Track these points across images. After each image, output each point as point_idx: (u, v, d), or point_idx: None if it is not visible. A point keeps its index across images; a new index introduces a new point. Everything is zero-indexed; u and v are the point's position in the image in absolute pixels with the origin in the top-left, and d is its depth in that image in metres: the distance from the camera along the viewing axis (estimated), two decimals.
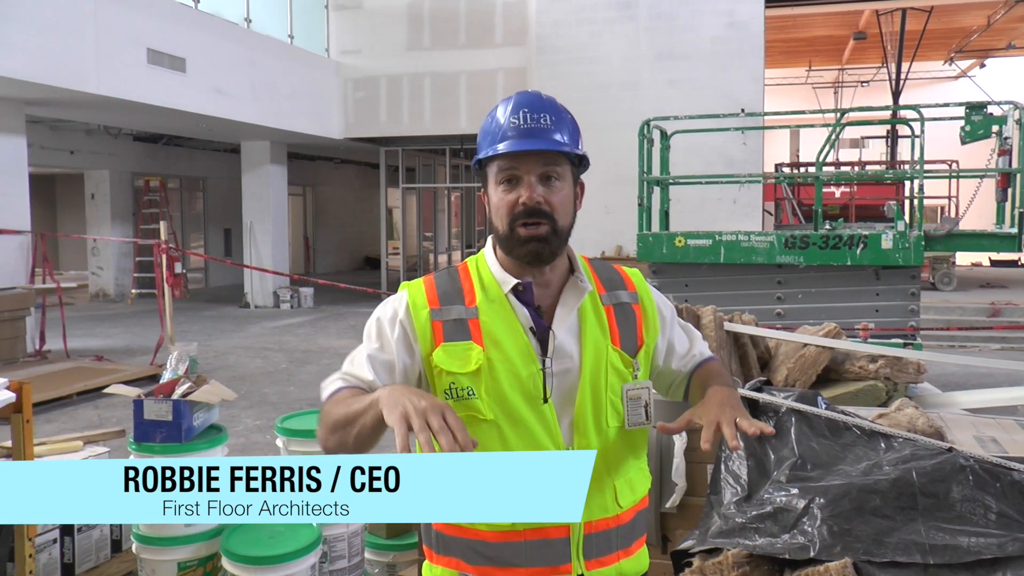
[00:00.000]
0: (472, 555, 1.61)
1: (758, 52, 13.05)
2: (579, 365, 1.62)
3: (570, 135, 1.64)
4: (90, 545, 3.85)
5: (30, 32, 8.98)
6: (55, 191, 22.58)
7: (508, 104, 1.64)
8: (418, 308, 1.63)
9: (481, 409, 1.57)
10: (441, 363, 1.59)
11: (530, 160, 1.58)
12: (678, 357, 1.81)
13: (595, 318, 1.66)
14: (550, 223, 1.58)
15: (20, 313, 9.24)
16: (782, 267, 7.28)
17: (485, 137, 1.65)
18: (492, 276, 1.65)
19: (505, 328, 1.60)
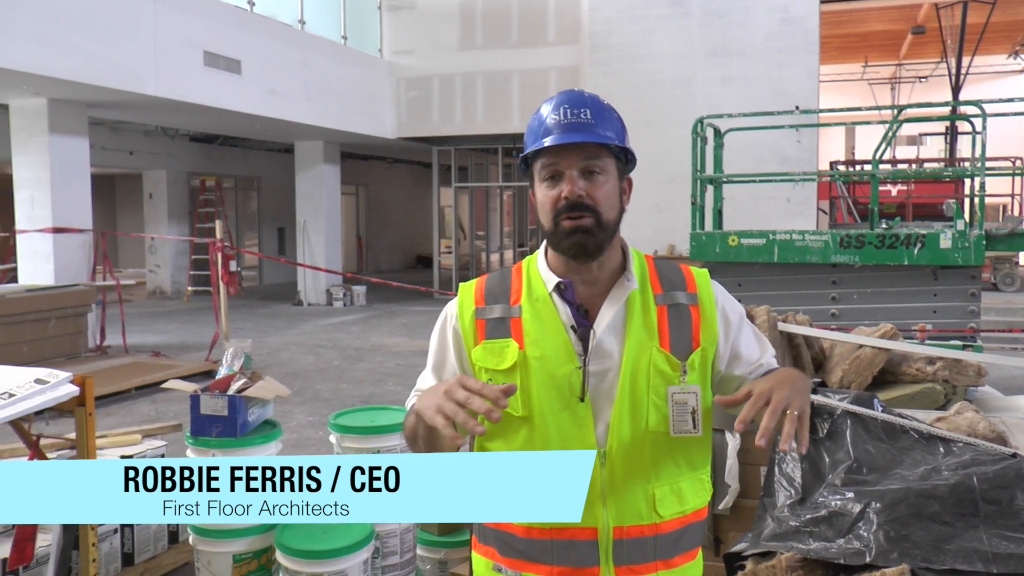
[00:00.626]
0: (505, 548, 1.64)
1: (813, 48, 12.85)
2: (619, 364, 1.60)
3: (613, 130, 1.62)
4: (148, 536, 3.95)
5: (93, 36, 9.22)
6: (115, 191, 23.11)
7: (551, 102, 1.65)
8: (464, 308, 1.68)
9: (514, 406, 1.58)
10: (479, 360, 1.63)
11: (571, 155, 1.58)
12: (744, 363, 1.71)
13: (642, 318, 1.62)
14: (594, 215, 1.57)
15: (82, 309, 9.49)
16: (837, 267, 7.16)
17: (529, 136, 1.66)
18: (539, 275, 1.66)
19: (546, 326, 1.61)
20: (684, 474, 1.65)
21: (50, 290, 9.30)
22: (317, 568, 2.93)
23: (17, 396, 2.47)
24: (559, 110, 1.61)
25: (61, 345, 9.13)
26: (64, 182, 10.36)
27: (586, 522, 1.57)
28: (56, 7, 8.71)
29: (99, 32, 9.32)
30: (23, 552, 2.59)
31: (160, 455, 4.02)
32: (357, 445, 3.25)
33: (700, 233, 7.65)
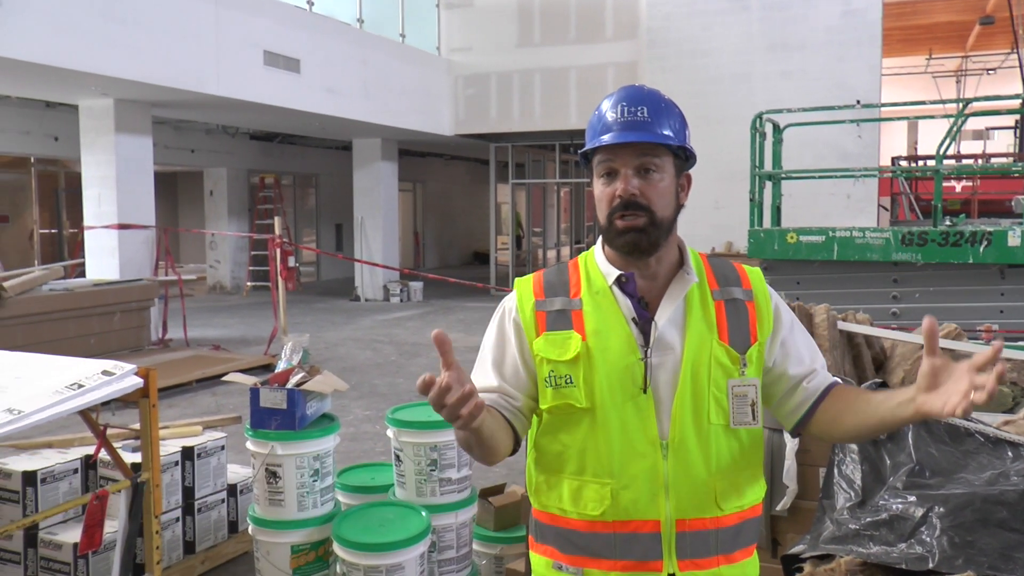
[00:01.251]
0: (565, 544, 1.64)
1: (875, 41, 12.57)
2: (680, 357, 1.60)
3: (672, 127, 1.62)
4: (209, 525, 4.04)
5: (156, 37, 9.44)
6: (177, 188, 23.62)
7: (611, 99, 1.65)
8: (524, 301, 1.68)
9: (578, 397, 1.59)
10: (541, 351, 1.63)
11: (626, 153, 1.59)
12: (798, 362, 1.70)
13: (701, 311, 1.64)
14: (647, 215, 1.58)
15: (145, 304, 9.73)
16: (898, 265, 7.01)
17: (589, 131, 1.67)
18: (598, 269, 1.67)
19: (607, 319, 1.62)
20: (741, 468, 1.66)
21: (115, 284, 9.56)
22: (374, 560, 2.97)
23: (86, 387, 2.54)
24: (617, 107, 1.62)
25: (125, 338, 9.38)
26: (129, 180, 10.63)
27: (649, 515, 1.58)
28: (122, 9, 8.93)
29: (163, 33, 9.53)
30: (92, 538, 2.67)
31: (220, 447, 4.10)
32: (414, 440, 3.28)
33: (758, 230, 7.55)
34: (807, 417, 1.70)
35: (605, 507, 1.59)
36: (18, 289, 8.12)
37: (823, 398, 1.69)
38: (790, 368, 1.70)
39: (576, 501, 1.62)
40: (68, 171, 15.83)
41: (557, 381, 1.61)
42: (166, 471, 3.78)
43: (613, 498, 1.58)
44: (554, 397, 1.61)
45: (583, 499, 1.61)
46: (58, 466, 3.56)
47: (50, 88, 10.08)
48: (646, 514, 1.58)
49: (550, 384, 1.62)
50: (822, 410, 1.68)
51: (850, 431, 1.66)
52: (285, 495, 3.23)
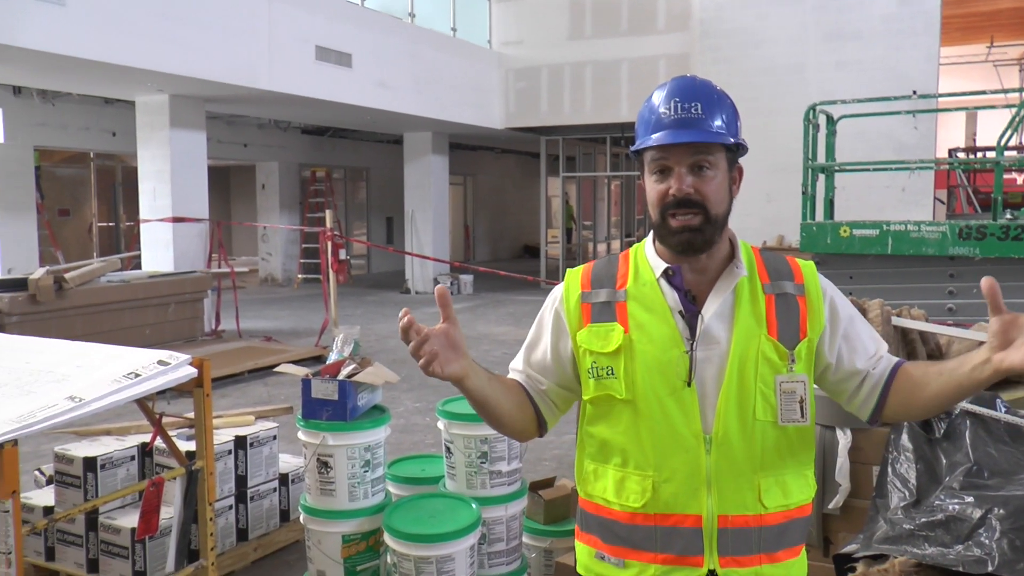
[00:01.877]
0: (608, 535, 1.65)
1: (933, 29, 12.27)
2: (727, 351, 1.58)
3: (725, 121, 1.60)
4: (261, 513, 4.11)
5: (210, 34, 9.60)
6: (229, 182, 23.99)
7: (662, 92, 1.63)
8: (570, 292, 1.71)
9: (618, 388, 1.60)
10: (584, 342, 1.65)
11: (680, 150, 1.57)
12: (864, 355, 1.67)
13: (750, 306, 1.61)
14: (702, 212, 1.56)
15: (199, 295, 9.92)
16: (955, 259, 6.84)
17: (640, 126, 1.65)
18: (647, 261, 1.67)
19: (652, 311, 1.61)
20: (789, 466, 1.63)
21: (170, 276, 9.76)
22: (424, 552, 2.99)
23: (142, 376, 2.60)
24: (670, 103, 1.59)
25: (180, 329, 9.57)
26: (183, 174, 10.84)
27: (690, 509, 1.57)
28: (179, 7, 9.11)
29: (218, 30, 9.69)
30: (149, 523, 2.74)
31: (272, 436, 4.17)
32: (465, 432, 3.29)
33: (811, 223, 7.43)
34: (881, 403, 1.67)
35: (646, 499, 1.58)
36: (78, 281, 8.33)
37: (891, 380, 1.66)
38: (857, 362, 1.67)
39: (619, 492, 1.62)
40: (125, 166, 16.19)
41: (599, 372, 1.62)
42: (219, 459, 3.86)
43: (654, 491, 1.58)
44: (596, 388, 1.63)
45: (625, 490, 1.61)
46: (116, 453, 3.65)
47: (109, 85, 10.31)
48: (687, 508, 1.57)
49: (592, 375, 1.64)
50: (893, 392, 1.65)
51: (928, 404, 1.62)
52: (336, 485, 3.27)
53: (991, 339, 1.44)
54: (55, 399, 2.41)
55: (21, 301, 7.75)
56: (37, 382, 2.57)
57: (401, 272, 17.02)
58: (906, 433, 2.59)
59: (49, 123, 12.87)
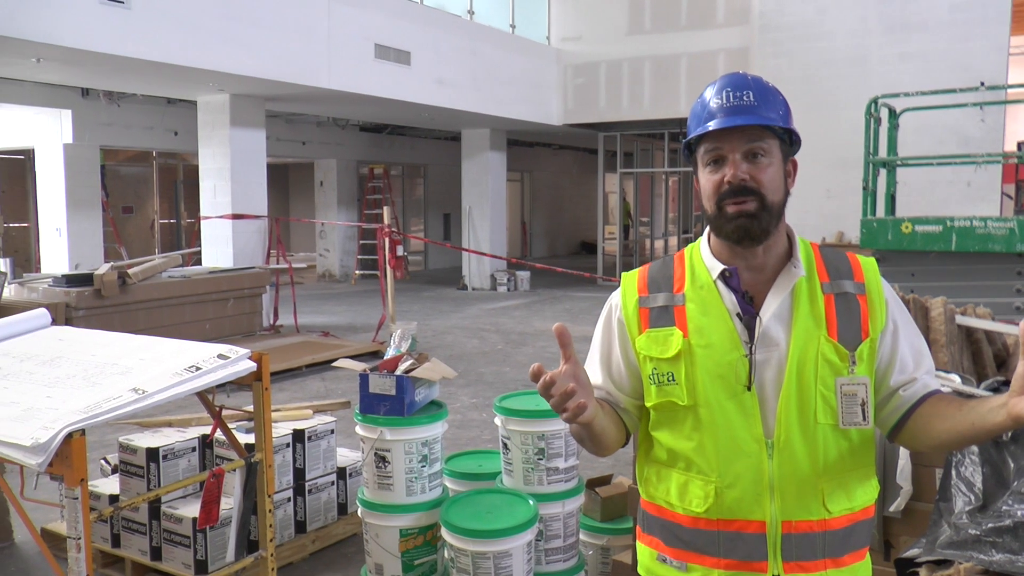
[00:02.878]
0: (670, 537, 1.63)
1: (1004, 18, 11.90)
2: (786, 353, 1.55)
3: (777, 111, 1.58)
4: (319, 506, 4.17)
5: (271, 34, 9.75)
6: (288, 179, 24.34)
7: (714, 86, 1.63)
8: (627, 297, 1.67)
9: (680, 395, 1.57)
10: (644, 349, 1.62)
11: (734, 138, 1.56)
12: (900, 371, 1.62)
13: (809, 306, 1.57)
14: (758, 199, 1.54)
15: (258, 290, 10.09)
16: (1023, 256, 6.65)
17: (692, 121, 1.64)
18: (702, 262, 1.64)
19: (710, 314, 1.58)
20: (851, 469, 1.60)
21: (229, 272, 9.94)
22: (481, 547, 3.00)
23: (203, 369, 2.65)
24: (722, 94, 1.59)
25: (239, 323, 9.76)
26: (243, 172, 11.04)
27: (754, 515, 1.55)
28: (240, 7, 9.27)
29: (278, 29, 9.84)
30: (210, 513, 2.79)
31: (330, 430, 4.23)
32: (522, 428, 3.29)
33: (871, 219, 7.28)
34: (900, 424, 1.63)
35: (709, 504, 1.56)
36: (141, 276, 8.54)
37: (918, 406, 1.61)
38: (892, 375, 1.63)
39: (682, 496, 1.60)
40: (186, 164, 16.56)
41: (660, 379, 1.59)
42: (278, 452, 3.92)
43: (717, 496, 1.55)
44: (658, 395, 1.61)
45: (688, 495, 1.59)
46: (178, 444, 3.74)
47: (172, 85, 10.55)
48: (751, 514, 1.55)
49: (653, 382, 1.61)
50: (915, 417, 1.61)
51: (940, 438, 1.57)
52: (394, 479, 3.30)
53: (1015, 383, 1.36)
54: (119, 391, 2.47)
55: (87, 296, 7.97)
56: (102, 374, 2.64)
57: (458, 268, 17.11)
58: None
59: (114, 123, 13.21)
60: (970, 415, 1.49)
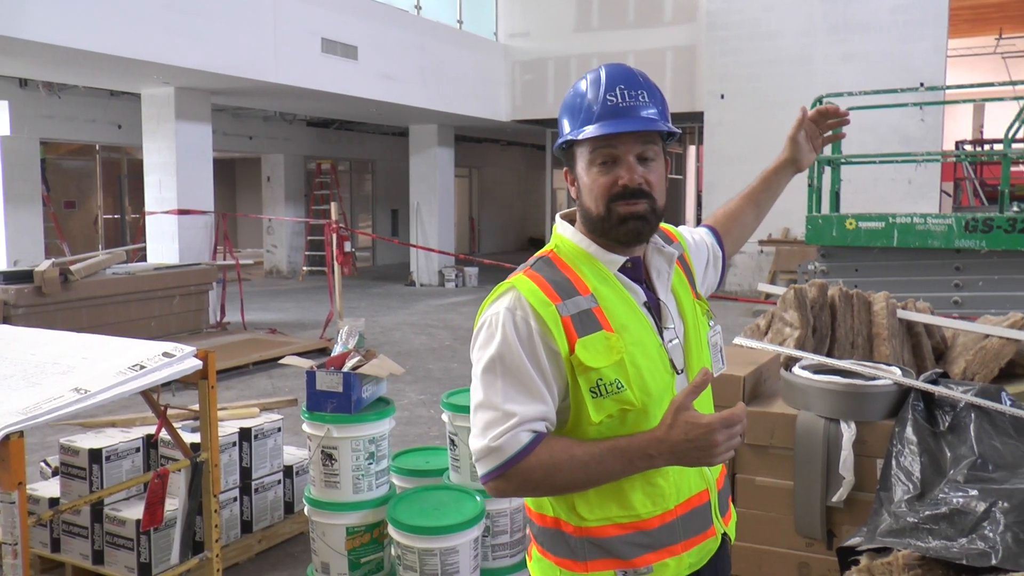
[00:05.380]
0: (631, 549, 1.54)
1: (942, 21, 12.22)
2: (684, 329, 1.63)
3: (661, 110, 1.58)
4: (266, 505, 4.12)
5: (216, 26, 9.59)
6: (235, 174, 24.00)
7: (598, 79, 1.57)
8: (544, 305, 1.49)
9: (631, 400, 1.48)
10: (586, 360, 1.46)
11: (628, 140, 1.52)
12: (711, 260, 1.88)
13: (677, 279, 1.67)
14: (649, 201, 1.54)
15: (204, 287, 9.93)
16: (961, 252, 6.83)
17: (573, 115, 1.58)
18: (593, 259, 1.58)
19: (625, 309, 1.54)
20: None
21: (175, 268, 9.77)
22: (428, 544, 3.00)
23: (148, 368, 2.60)
24: (615, 90, 1.54)
25: (185, 321, 9.59)
26: (188, 166, 10.84)
27: (700, 487, 1.61)
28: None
29: (223, 21, 9.68)
30: (154, 515, 2.75)
31: (277, 429, 4.18)
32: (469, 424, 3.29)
33: (817, 216, 7.42)
34: (723, 268, 1.91)
35: (671, 494, 1.55)
36: (84, 272, 8.35)
37: (722, 246, 1.91)
38: (708, 269, 1.87)
39: (648, 499, 1.54)
40: (131, 158, 16.23)
41: (607, 388, 1.47)
42: (224, 451, 3.87)
43: (676, 484, 1.56)
44: (609, 406, 1.48)
45: (654, 495, 1.54)
46: (121, 445, 3.66)
47: (115, 77, 10.32)
48: (699, 487, 1.60)
49: (599, 394, 1.47)
50: (723, 237, 1.93)
51: (746, 216, 2.00)
52: (341, 477, 3.28)
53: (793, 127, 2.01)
54: (60, 391, 2.42)
55: (27, 293, 7.77)
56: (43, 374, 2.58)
57: (406, 264, 17.05)
58: (910, 426, 2.59)
59: (55, 115, 12.89)
60: (756, 180, 1.99)
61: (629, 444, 1.44)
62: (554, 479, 1.46)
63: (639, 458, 1.43)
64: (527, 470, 1.45)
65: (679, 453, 1.41)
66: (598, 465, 1.44)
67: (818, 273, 7.32)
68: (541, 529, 1.62)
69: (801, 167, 2.02)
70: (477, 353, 1.56)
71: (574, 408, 1.51)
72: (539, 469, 1.45)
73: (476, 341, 1.57)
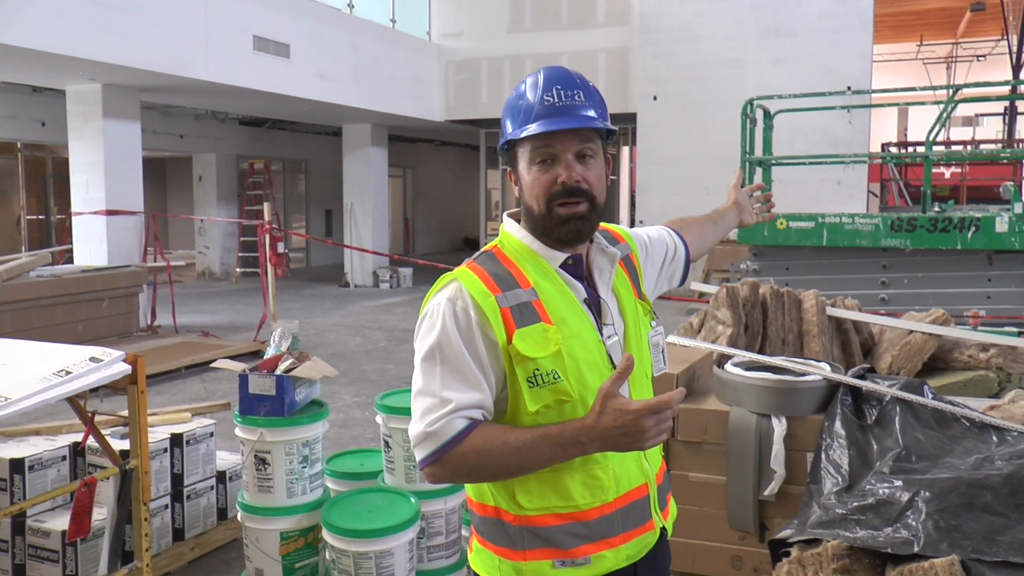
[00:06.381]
0: (569, 539, 1.56)
1: (867, 27, 12.57)
2: (624, 326, 1.65)
3: (599, 110, 1.61)
4: (198, 512, 4.04)
5: (146, 22, 9.36)
6: (165, 174, 23.49)
7: (537, 81, 1.61)
8: (481, 299, 1.52)
9: (568, 391, 1.52)
10: (523, 350, 1.50)
11: (566, 138, 1.56)
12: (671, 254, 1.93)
13: (619, 279, 1.69)
14: (589, 200, 1.57)
15: (134, 290, 9.68)
16: (887, 251, 7.03)
17: (515, 116, 1.62)
18: (535, 254, 1.61)
19: (565, 304, 1.57)
20: None
21: (104, 271, 9.50)
22: (363, 547, 2.97)
23: (74, 373, 2.53)
24: (552, 90, 1.58)
25: (114, 324, 9.34)
26: (117, 165, 10.57)
27: (640, 480, 1.63)
28: None
29: (152, 17, 9.46)
30: (81, 525, 2.67)
31: (209, 433, 4.10)
32: (403, 426, 3.27)
33: None
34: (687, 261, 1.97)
35: (611, 487, 1.57)
36: (6, 276, 8.07)
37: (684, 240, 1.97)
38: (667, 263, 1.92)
39: (587, 491, 1.56)
40: (56, 156, 15.74)
41: (543, 379, 1.50)
42: (155, 458, 3.78)
43: (616, 477, 1.58)
44: (545, 396, 1.51)
45: (593, 487, 1.56)
46: (46, 453, 3.55)
47: (37, 73, 10.00)
48: (638, 481, 1.62)
49: (536, 384, 1.51)
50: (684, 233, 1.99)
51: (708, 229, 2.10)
52: (274, 482, 3.23)
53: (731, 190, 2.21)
54: None
55: None
56: None
57: (340, 265, 16.89)
58: (839, 420, 2.65)
59: None
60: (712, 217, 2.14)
61: (561, 431, 1.47)
62: (488, 464, 1.49)
63: (570, 444, 1.46)
64: (462, 455, 1.48)
65: (609, 439, 1.43)
66: (530, 451, 1.47)
67: (750, 272, 7.46)
68: (482, 519, 1.65)
69: (743, 219, 2.21)
70: (419, 342, 1.59)
71: (512, 398, 1.54)
72: (473, 454, 1.48)
73: (419, 330, 1.60)
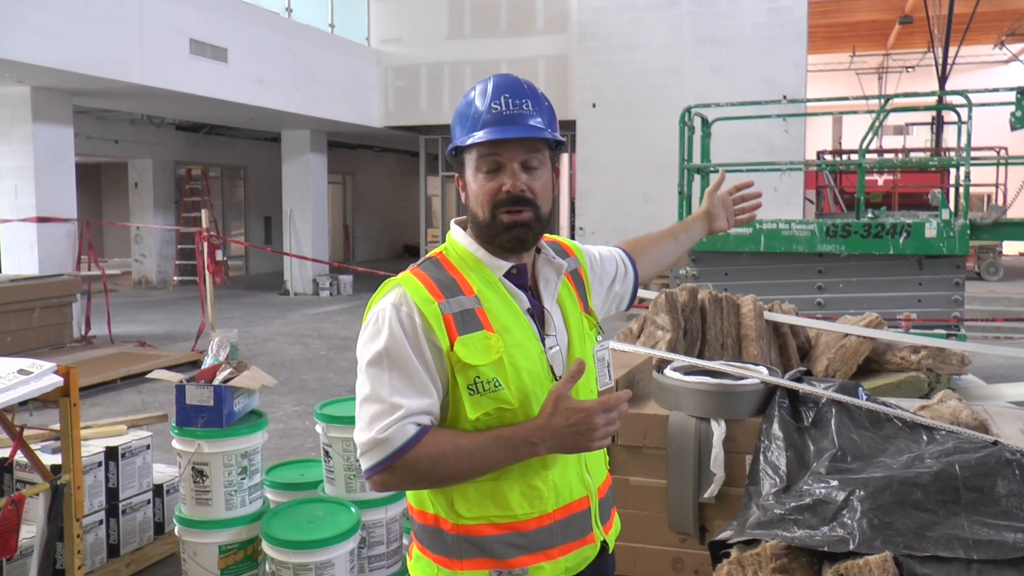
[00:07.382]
0: (507, 549, 1.56)
1: (801, 38, 12.86)
2: (568, 338, 1.66)
3: (548, 120, 1.62)
4: (134, 527, 3.94)
5: (77, 23, 9.13)
6: (100, 180, 22.96)
7: (486, 89, 1.61)
8: (425, 305, 1.52)
9: (508, 399, 1.52)
10: (465, 358, 1.50)
11: (512, 147, 1.56)
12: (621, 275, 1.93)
13: (564, 290, 1.70)
14: (533, 210, 1.57)
15: (67, 299, 9.42)
16: (823, 256, 7.19)
17: (463, 123, 1.61)
18: (480, 262, 1.61)
19: (508, 313, 1.58)
20: None
21: (35, 280, 9.22)
22: (303, 558, 2.93)
23: (0, 387, 2.45)
24: (499, 99, 1.58)
25: (46, 335, 9.08)
26: (48, 171, 10.28)
27: (581, 493, 1.63)
28: None
29: (84, 19, 9.23)
30: (7, 543, 2.58)
31: (146, 446, 4.00)
32: (343, 435, 3.24)
33: None
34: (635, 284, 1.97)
35: (550, 498, 1.57)
36: None
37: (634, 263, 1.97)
38: (616, 284, 1.92)
39: (526, 500, 1.56)
40: None
41: (484, 386, 1.51)
42: (88, 472, 3.67)
43: (556, 488, 1.58)
44: (487, 403, 1.51)
45: (531, 497, 1.56)
46: None
47: None
48: (579, 494, 1.62)
49: (475, 391, 1.51)
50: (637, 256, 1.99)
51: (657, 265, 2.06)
52: (212, 494, 3.17)
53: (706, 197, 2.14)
54: None
55: None
56: None
57: (280, 273, 16.68)
58: (777, 422, 2.70)
59: None
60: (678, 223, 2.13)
61: (513, 433, 1.48)
62: (440, 469, 1.48)
63: (522, 445, 1.47)
64: (414, 461, 1.47)
65: (561, 439, 1.45)
66: (483, 454, 1.48)
67: (689, 277, 7.56)
68: (421, 527, 1.64)
69: (713, 227, 2.13)
70: (363, 348, 1.56)
71: (452, 404, 1.54)
72: (426, 459, 1.47)
73: (363, 336, 1.58)
